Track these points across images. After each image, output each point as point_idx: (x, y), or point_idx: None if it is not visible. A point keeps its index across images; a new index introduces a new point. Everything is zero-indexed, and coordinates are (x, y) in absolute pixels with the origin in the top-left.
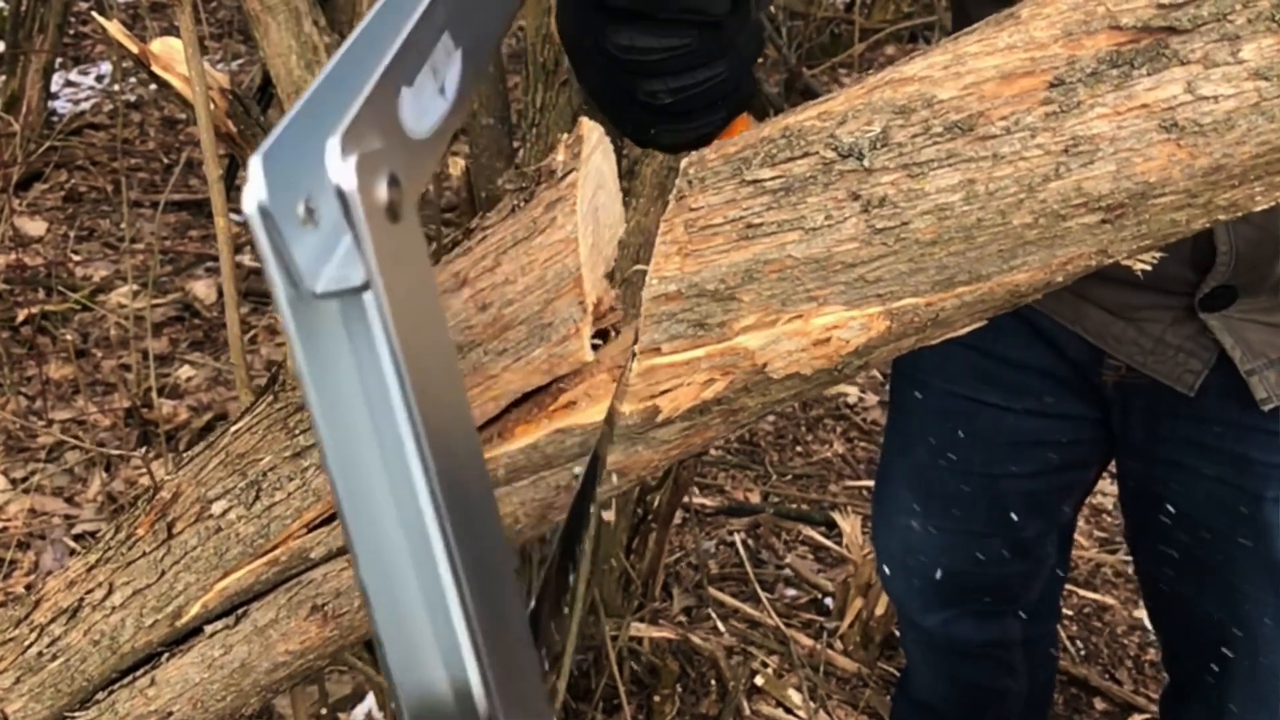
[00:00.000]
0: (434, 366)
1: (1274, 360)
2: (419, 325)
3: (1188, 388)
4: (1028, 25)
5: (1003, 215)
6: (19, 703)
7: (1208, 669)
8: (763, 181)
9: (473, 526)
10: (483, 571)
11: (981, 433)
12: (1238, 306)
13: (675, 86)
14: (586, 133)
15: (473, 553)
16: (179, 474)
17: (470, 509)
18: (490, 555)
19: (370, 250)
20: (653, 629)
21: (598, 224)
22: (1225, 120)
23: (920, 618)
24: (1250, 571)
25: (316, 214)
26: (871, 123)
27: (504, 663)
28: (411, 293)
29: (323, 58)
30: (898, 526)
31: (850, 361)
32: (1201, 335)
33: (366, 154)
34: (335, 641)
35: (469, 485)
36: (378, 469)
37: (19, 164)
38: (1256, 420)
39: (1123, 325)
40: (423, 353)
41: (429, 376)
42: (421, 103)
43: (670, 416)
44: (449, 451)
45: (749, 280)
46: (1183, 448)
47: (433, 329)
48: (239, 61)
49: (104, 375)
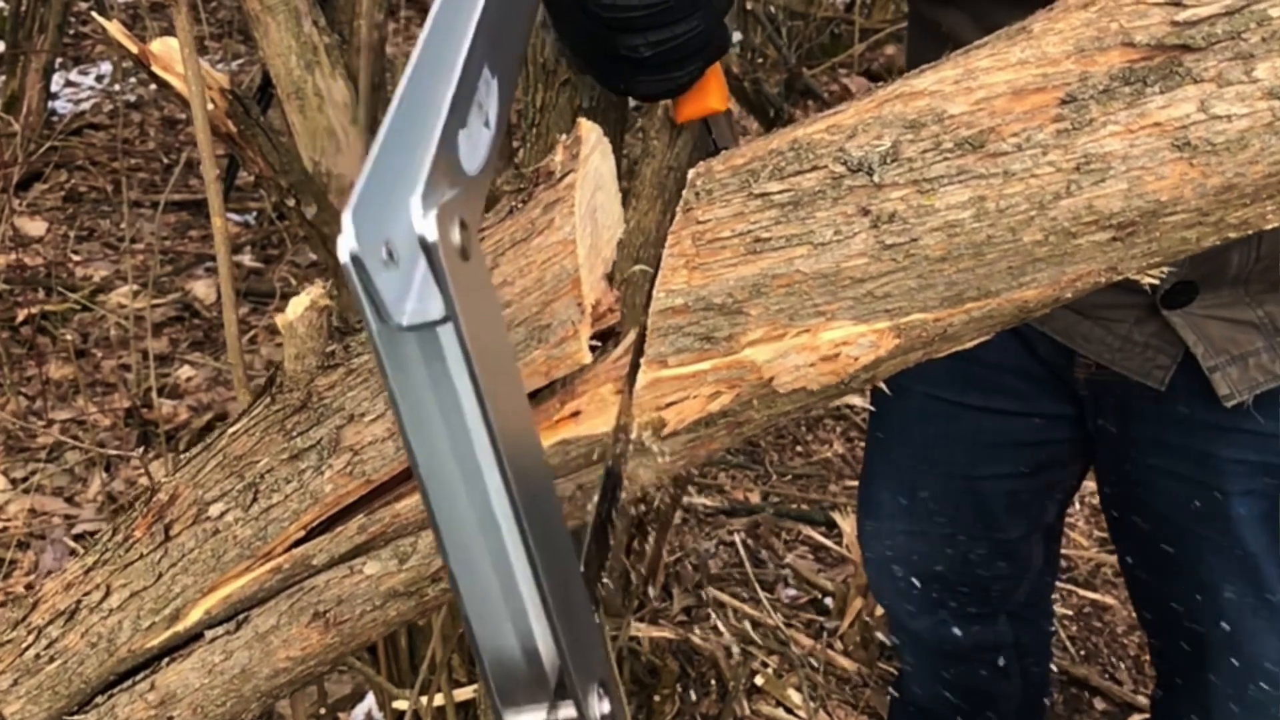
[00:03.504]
0: (503, 381)
1: (1236, 356)
2: (490, 347)
3: (1158, 383)
4: (1040, 40)
5: (1013, 232)
6: (16, 705)
7: (1191, 664)
8: (771, 195)
9: (538, 513)
10: (548, 552)
11: (962, 434)
12: (1199, 302)
13: (654, 40)
14: (585, 134)
15: (539, 536)
16: (176, 476)
17: (535, 499)
18: (554, 539)
19: (451, 289)
20: (653, 629)
21: (596, 225)
22: (1238, 139)
23: (909, 620)
24: (1224, 568)
25: (395, 255)
26: (881, 137)
27: (567, 628)
28: (483, 320)
29: (322, 58)
30: (883, 529)
31: (858, 376)
32: (1167, 332)
33: (442, 205)
34: (336, 648)
35: (534, 480)
36: (456, 471)
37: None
38: (1221, 418)
39: (1089, 324)
40: (494, 372)
41: (499, 389)
42: (473, 140)
43: (676, 429)
44: (517, 452)
45: (757, 294)
46: (1153, 447)
47: (500, 347)
48: (239, 61)
49: (104, 375)
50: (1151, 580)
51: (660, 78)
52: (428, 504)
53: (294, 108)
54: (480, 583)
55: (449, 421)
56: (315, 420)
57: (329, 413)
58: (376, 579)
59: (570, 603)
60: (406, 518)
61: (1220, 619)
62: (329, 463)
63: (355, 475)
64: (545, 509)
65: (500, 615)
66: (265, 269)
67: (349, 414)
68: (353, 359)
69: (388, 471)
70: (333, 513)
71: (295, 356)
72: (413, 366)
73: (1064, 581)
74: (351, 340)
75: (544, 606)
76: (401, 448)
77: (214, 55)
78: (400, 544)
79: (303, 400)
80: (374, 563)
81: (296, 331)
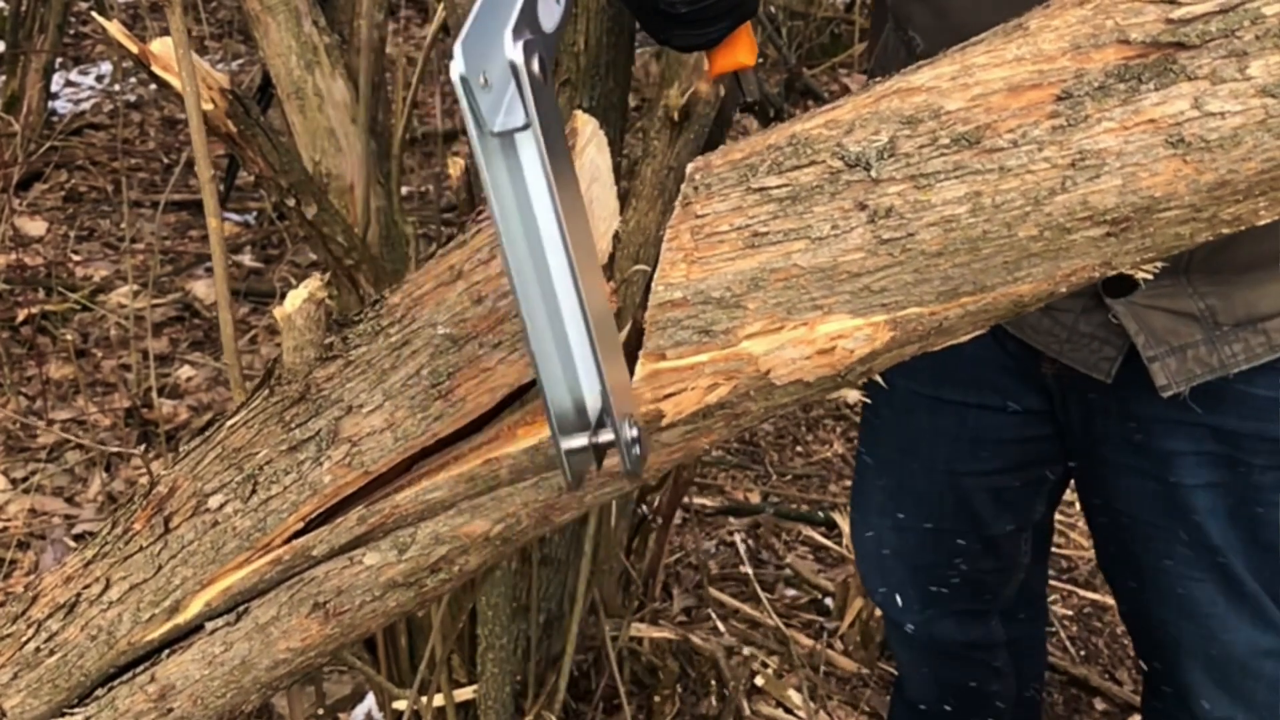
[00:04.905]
0: (565, 183)
1: (1175, 347)
2: (557, 155)
3: (1105, 374)
4: (1036, 37)
5: (1008, 228)
6: (16, 698)
7: (1170, 658)
8: (769, 189)
9: (589, 286)
10: (595, 316)
11: (943, 430)
12: (1142, 292)
13: None
14: (580, 126)
15: (589, 304)
16: (175, 468)
17: (587, 275)
18: (598, 308)
19: (531, 103)
20: (653, 629)
21: (592, 217)
22: (1231, 136)
23: (900, 618)
24: (1190, 561)
25: (490, 80)
26: (879, 132)
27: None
28: (552, 132)
29: (322, 58)
30: (872, 526)
31: (854, 369)
32: (1112, 323)
33: (527, 42)
34: (336, 639)
35: (586, 264)
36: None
37: (19, 164)
38: (1175, 413)
39: (1038, 315)
40: (559, 173)
41: (562, 187)
42: (548, 7)
43: (674, 420)
44: (574, 237)
45: (755, 288)
46: (1113, 442)
47: (564, 159)
48: (239, 61)
49: (104, 375)
50: (1126, 576)
51: (695, 33)
52: (509, 276)
53: (294, 108)
54: (544, 342)
55: (524, 209)
56: (314, 412)
57: (327, 404)
58: (376, 570)
59: (610, 356)
60: (406, 509)
61: (1193, 612)
62: (328, 454)
63: (354, 466)
64: (594, 282)
65: (558, 366)
66: (265, 269)
67: (347, 405)
68: (351, 351)
69: (386, 463)
70: (332, 504)
71: (294, 348)
72: (500, 165)
73: (1064, 581)
74: (349, 332)
75: (592, 355)
76: (399, 439)
77: (214, 55)
78: (399, 535)
79: (301, 392)
80: (373, 554)
81: (295, 324)
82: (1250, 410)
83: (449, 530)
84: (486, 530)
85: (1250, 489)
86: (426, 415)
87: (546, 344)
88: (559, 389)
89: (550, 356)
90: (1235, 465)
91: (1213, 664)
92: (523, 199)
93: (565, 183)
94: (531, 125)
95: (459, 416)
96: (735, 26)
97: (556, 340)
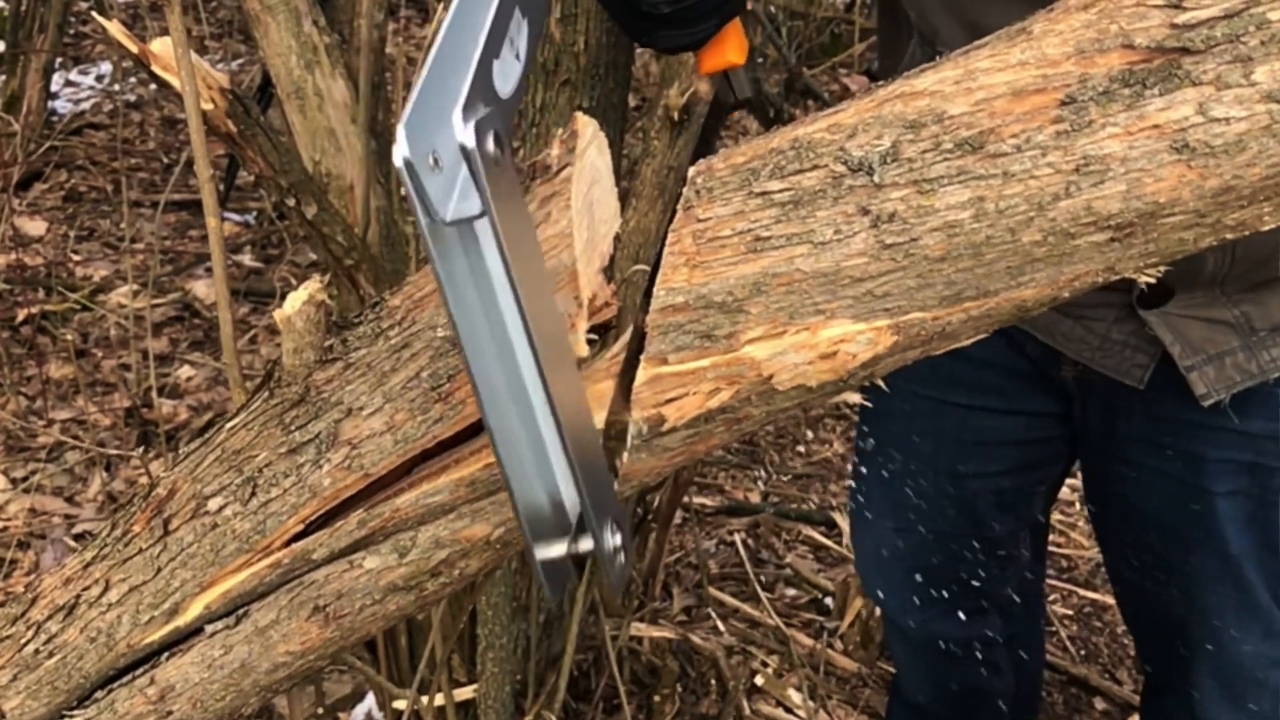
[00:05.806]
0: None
1: (1213, 356)
2: (519, 241)
3: (1136, 381)
4: (1040, 42)
5: (1012, 233)
6: (16, 700)
7: (1176, 662)
8: (771, 194)
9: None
10: (569, 412)
11: (946, 432)
12: (1176, 303)
13: None
14: (581, 128)
15: (561, 398)
16: (175, 470)
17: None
18: (573, 400)
19: (486, 189)
20: (653, 629)
21: (593, 219)
22: (1236, 142)
23: (899, 617)
24: (1207, 567)
25: (440, 162)
26: (881, 137)
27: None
28: (513, 215)
29: (323, 58)
30: (872, 526)
31: (856, 373)
32: (1145, 331)
33: (479, 120)
34: (336, 643)
35: (557, 353)
36: (492, 344)
37: (19, 164)
38: (1204, 417)
39: (1070, 323)
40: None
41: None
42: (505, 69)
43: (675, 425)
44: (541, 328)
45: (757, 293)
46: (1137, 445)
47: (528, 240)
48: (239, 61)
49: (104, 375)
50: (1136, 578)
51: (680, 33)
52: (470, 374)
53: (294, 108)
54: (513, 440)
55: (485, 302)
56: (313, 414)
57: (327, 407)
58: (376, 573)
59: (588, 454)
60: (406, 512)
61: (1205, 618)
62: (327, 456)
63: (354, 469)
64: (566, 376)
65: (530, 468)
66: (265, 269)
67: (347, 408)
68: (351, 353)
69: (386, 465)
70: (331, 507)
71: (293, 350)
72: (455, 256)
73: (1064, 581)
74: (349, 334)
75: (565, 456)
76: (399, 442)
77: (214, 55)
78: (400, 538)
79: (301, 394)
80: (373, 557)
81: (294, 326)
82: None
83: (449, 534)
84: (487, 534)
85: (1269, 493)
86: (427, 418)
87: (519, 446)
88: (534, 490)
89: (523, 460)
90: (1255, 470)
91: (1220, 672)
92: (485, 292)
93: (530, 271)
94: (488, 213)
95: (459, 419)
96: (723, 24)
97: (531, 441)
